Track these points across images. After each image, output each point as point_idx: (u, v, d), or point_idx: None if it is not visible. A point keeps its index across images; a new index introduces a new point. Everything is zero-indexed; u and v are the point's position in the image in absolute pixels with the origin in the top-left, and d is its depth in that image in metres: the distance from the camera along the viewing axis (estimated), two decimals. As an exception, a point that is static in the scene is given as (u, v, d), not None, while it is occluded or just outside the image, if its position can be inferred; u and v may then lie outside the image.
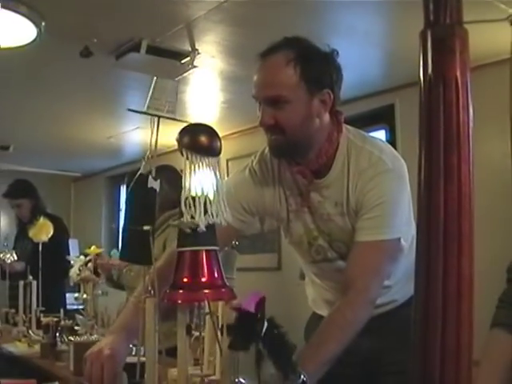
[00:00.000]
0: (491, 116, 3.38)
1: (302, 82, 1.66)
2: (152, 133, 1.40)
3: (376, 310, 1.76)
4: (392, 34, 3.71)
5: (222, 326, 1.26)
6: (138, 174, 1.33)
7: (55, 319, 3.01)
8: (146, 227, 1.26)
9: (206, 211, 1.19)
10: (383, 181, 1.72)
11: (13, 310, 3.86)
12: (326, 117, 1.75)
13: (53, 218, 4.27)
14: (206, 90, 4.62)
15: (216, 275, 1.23)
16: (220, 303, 1.30)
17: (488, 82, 3.48)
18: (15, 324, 3.69)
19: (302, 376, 1.51)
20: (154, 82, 1.44)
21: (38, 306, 3.69)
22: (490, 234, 3.58)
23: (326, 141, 1.76)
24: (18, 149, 6.52)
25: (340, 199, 1.78)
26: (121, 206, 8.16)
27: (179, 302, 1.21)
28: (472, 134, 0.72)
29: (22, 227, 4.69)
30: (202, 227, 1.19)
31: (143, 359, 1.35)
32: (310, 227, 1.86)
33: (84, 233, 7.72)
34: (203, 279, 1.21)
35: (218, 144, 1.26)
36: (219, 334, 1.27)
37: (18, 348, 2.97)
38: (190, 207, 1.16)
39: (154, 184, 1.34)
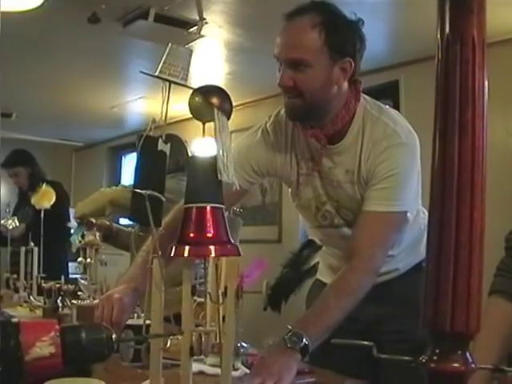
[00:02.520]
0: (495, 94, 3.37)
1: (326, 47, 1.67)
2: (163, 100, 1.39)
3: (379, 278, 1.77)
4: (399, 10, 3.70)
5: (226, 288, 1.27)
6: (145, 135, 1.33)
7: (57, 285, 3.03)
8: (144, 191, 1.26)
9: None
10: (396, 154, 1.73)
11: (14, 276, 3.87)
12: (345, 85, 1.75)
13: (53, 185, 4.28)
14: (212, 60, 4.60)
15: (222, 232, 1.24)
16: (224, 262, 1.31)
17: (494, 60, 3.47)
18: (16, 290, 3.70)
19: (305, 339, 1.53)
20: (168, 47, 1.43)
21: (39, 272, 3.70)
22: (490, 207, 3.58)
23: (342, 107, 1.77)
24: (21, 117, 6.49)
25: (351, 167, 1.79)
26: (122, 177, 8.15)
27: (185, 255, 1.22)
28: (487, 92, 0.73)
29: (23, 195, 4.71)
30: (236, 185, 1.20)
31: (148, 321, 1.36)
32: (319, 192, 1.86)
33: (84, 203, 7.69)
34: (209, 235, 1.22)
35: (227, 105, 1.27)
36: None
37: (20, 313, 2.99)
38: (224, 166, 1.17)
39: (164, 147, 1.34)
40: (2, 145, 6.15)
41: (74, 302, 2.25)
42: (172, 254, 1.23)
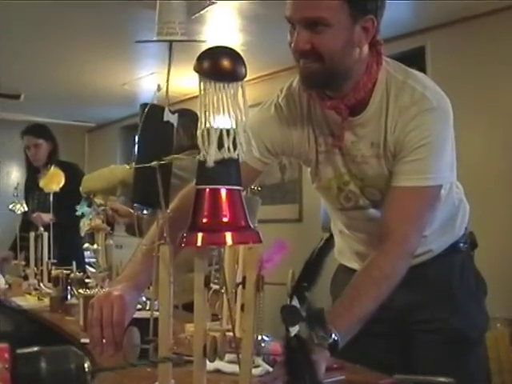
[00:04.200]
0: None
1: (346, 4, 1.49)
2: (169, 66, 1.24)
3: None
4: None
5: (244, 278, 1.13)
6: (150, 105, 1.18)
7: (66, 272, 2.93)
8: (153, 163, 1.11)
9: (221, 145, 1.05)
10: (427, 120, 1.56)
11: (23, 263, 3.78)
12: (366, 47, 1.59)
13: (68, 166, 4.17)
14: (224, 30, 4.45)
15: (239, 216, 1.09)
16: (242, 249, 1.16)
17: None
18: (26, 277, 3.62)
19: (334, 335, 1.39)
20: (158, 5, 1.28)
21: (49, 258, 3.63)
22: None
23: (364, 73, 1.61)
24: (30, 98, 6.41)
25: (376, 139, 1.63)
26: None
27: (198, 244, 1.08)
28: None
29: (32, 175, 4.58)
30: (210, 163, 1.05)
31: (156, 314, 1.22)
32: (341, 171, 1.71)
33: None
34: (225, 219, 1.08)
35: (240, 68, 1.11)
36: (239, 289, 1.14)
37: (28, 302, 2.92)
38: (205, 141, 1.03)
39: (171, 117, 1.18)
40: (11, 127, 6.08)
41: (80, 291, 2.12)
42: (182, 244, 1.10)
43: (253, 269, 1.14)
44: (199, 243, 1.07)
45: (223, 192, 1.08)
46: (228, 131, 1.07)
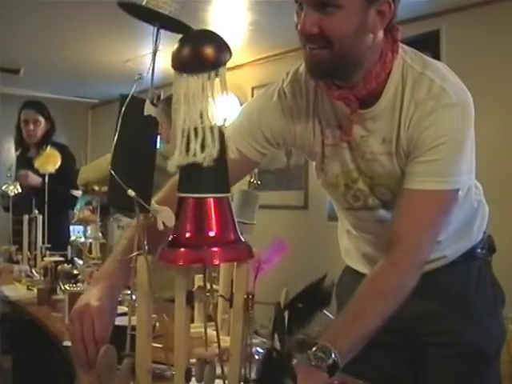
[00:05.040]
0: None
1: None
2: (155, 47, 1.11)
3: None
4: None
5: (231, 296, 1.01)
6: (130, 97, 1.04)
7: (54, 259, 2.82)
8: (130, 192, 0.98)
9: (204, 146, 0.92)
10: (445, 117, 1.41)
11: (15, 247, 3.68)
12: (381, 33, 1.44)
13: (59, 147, 4.04)
14: (232, 9, 4.29)
15: (228, 228, 0.97)
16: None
17: None
18: (17, 262, 3.52)
19: (333, 355, 1.26)
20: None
21: (43, 242, 3.52)
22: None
23: (377, 62, 1.46)
24: (30, 73, 6.28)
25: (389, 135, 1.49)
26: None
27: (180, 263, 0.95)
28: None
29: (23, 153, 4.45)
30: (172, 168, 0.93)
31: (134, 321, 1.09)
32: (349, 167, 1.57)
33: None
34: (211, 234, 0.95)
35: (208, 53, 0.95)
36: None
37: (16, 291, 2.80)
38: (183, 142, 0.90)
39: (152, 111, 1.05)
40: (11, 102, 5.95)
41: (66, 287, 2.00)
42: (159, 259, 0.97)
43: (241, 288, 1.01)
44: (181, 262, 0.95)
45: (210, 202, 0.95)
46: (196, 130, 0.93)
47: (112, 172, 0.98)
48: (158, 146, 1.12)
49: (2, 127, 6.27)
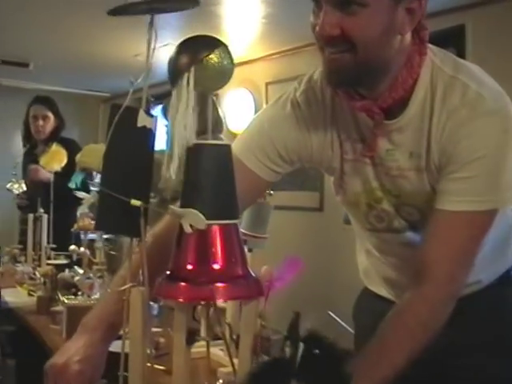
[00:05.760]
0: None
1: None
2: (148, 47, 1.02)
3: None
4: None
5: (238, 338, 0.89)
6: (124, 107, 0.93)
7: (57, 263, 2.72)
8: (134, 202, 0.86)
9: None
10: (482, 126, 1.26)
11: (16, 249, 3.59)
12: (409, 34, 1.29)
13: (68, 143, 3.94)
14: (245, 2, 4.17)
15: (236, 261, 0.85)
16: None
17: None
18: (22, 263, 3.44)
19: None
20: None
21: (48, 242, 3.44)
22: None
23: (403, 67, 1.30)
24: (39, 66, 6.17)
25: (417, 148, 1.33)
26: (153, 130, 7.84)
27: (180, 299, 0.83)
28: None
29: (30, 150, 4.35)
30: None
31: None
32: (372, 185, 1.41)
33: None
34: (216, 266, 0.83)
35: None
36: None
37: (17, 297, 2.70)
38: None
39: (147, 121, 0.93)
40: (20, 96, 5.86)
41: (65, 299, 1.89)
42: (156, 294, 0.86)
43: (249, 330, 0.88)
44: (181, 298, 0.83)
45: (215, 230, 0.84)
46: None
47: (102, 189, 0.86)
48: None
49: (12, 122, 6.18)
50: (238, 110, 5.02)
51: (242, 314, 0.89)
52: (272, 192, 1.88)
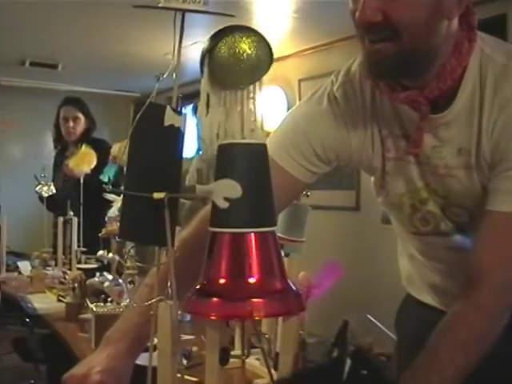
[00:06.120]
0: None
1: None
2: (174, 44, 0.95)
3: None
4: None
5: (277, 356, 0.81)
6: (147, 103, 0.85)
7: (88, 267, 2.67)
8: (156, 195, 0.78)
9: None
10: None
11: (48, 251, 3.56)
12: (456, 19, 1.20)
13: (99, 143, 3.90)
14: (275, -5, 4.11)
15: (274, 273, 0.77)
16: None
17: None
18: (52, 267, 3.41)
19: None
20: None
21: (78, 245, 3.40)
22: None
23: (451, 55, 1.21)
24: (68, 67, 6.18)
25: (467, 144, 1.24)
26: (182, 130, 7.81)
27: (212, 317, 0.75)
28: None
29: (61, 152, 4.32)
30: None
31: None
32: (417, 185, 1.32)
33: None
34: (251, 280, 0.75)
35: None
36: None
37: (46, 302, 2.65)
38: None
39: (175, 120, 0.85)
40: (49, 98, 5.87)
41: (93, 307, 1.83)
42: (186, 310, 0.78)
43: (288, 351, 0.80)
44: (213, 316, 0.75)
45: (250, 239, 0.75)
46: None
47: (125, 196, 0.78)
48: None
49: (41, 124, 6.20)
50: (270, 107, 4.94)
51: (281, 331, 0.81)
52: (309, 193, 1.79)
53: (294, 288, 0.78)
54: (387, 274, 1.82)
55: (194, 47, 5.29)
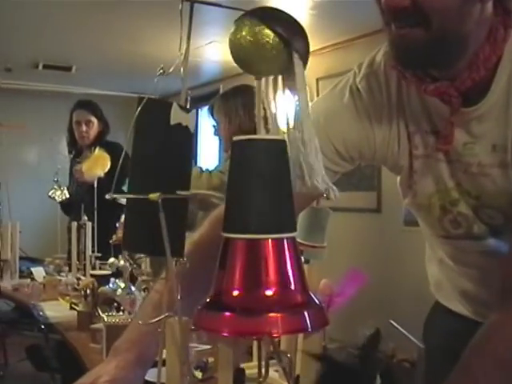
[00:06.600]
0: None
1: None
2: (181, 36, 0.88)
3: None
4: None
5: (297, 379, 0.74)
6: (145, 99, 0.78)
7: (101, 273, 2.62)
8: (152, 195, 0.70)
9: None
10: None
11: (60, 257, 3.51)
12: (490, 3, 1.11)
13: (113, 147, 3.85)
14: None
15: (294, 284, 0.69)
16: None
17: None
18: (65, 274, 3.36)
19: None
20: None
21: (93, 251, 3.36)
22: None
23: (486, 42, 1.13)
24: (82, 69, 6.18)
25: (502, 140, 1.16)
26: (199, 131, 7.68)
27: (224, 333, 0.68)
28: None
29: (76, 158, 4.29)
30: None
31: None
32: (447, 184, 1.25)
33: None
34: (269, 293, 0.68)
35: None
36: None
37: (58, 310, 2.59)
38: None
39: (182, 118, 0.78)
40: (63, 100, 5.84)
41: (104, 317, 1.76)
42: (195, 325, 0.71)
43: (311, 372, 0.73)
44: (225, 332, 0.67)
45: (268, 246, 0.68)
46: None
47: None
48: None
49: (55, 127, 6.19)
50: (288, 107, 4.88)
51: (302, 349, 0.73)
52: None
53: (316, 301, 0.70)
54: (410, 278, 1.75)
55: (210, 47, 5.24)
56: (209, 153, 6.80)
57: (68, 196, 3.69)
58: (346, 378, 0.77)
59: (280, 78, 0.80)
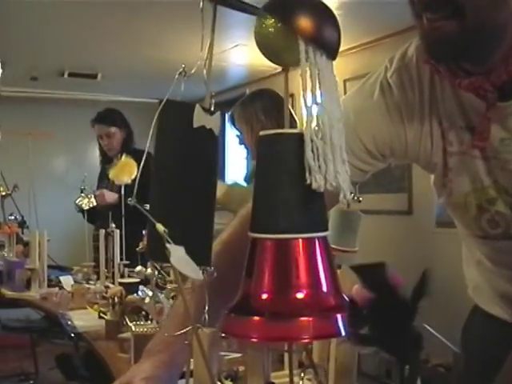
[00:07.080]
0: None
1: None
2: (203, 36, 0.85)
3: None
4: None
5: None
6: (164, 101, 0.75)
7: (131, 281, 2.60)
8: (158, 227, 0.67)
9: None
10: None
11: (88, 265, 3.50)
12: None
13: (139, 153, 3.85)
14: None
15: (326, 286, 0.66)
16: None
17: None
18: (93, 282, 3.35)
19: None
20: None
21: (121, 259, 3.34)
22: None
23: None
24: (107, 77, 6.23)
25: None
26: (225, 139, 7.66)
27: (253, 338, 0.65)
28: None
29: (105, 166, 4.31)
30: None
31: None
32: (484, 182, 1.21)
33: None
34: (299, 295, 0.65)
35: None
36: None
37: (86, 320, 2.58)
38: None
39: (206, 120, 0.74)
40: (88, 108, 5.88)
41: (132, 326, 1.74)
42: (223, 331, 0.68)
43: (348, 372, 0.69)
44: (254, 337, 0.64)
45: (298, 246, 0.65)
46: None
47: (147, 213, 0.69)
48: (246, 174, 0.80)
49: (83, 135, 6.22)
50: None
51: (335, 356, 0.70)
52: (361, 198, 1.66)
53: (349, 304, 0.67)
54: (443, 281, 1.70)
55: (235, 50, 5.25)
56: (236, 162, 6.79)
57: (94, 204, 3.69)
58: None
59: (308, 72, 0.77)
